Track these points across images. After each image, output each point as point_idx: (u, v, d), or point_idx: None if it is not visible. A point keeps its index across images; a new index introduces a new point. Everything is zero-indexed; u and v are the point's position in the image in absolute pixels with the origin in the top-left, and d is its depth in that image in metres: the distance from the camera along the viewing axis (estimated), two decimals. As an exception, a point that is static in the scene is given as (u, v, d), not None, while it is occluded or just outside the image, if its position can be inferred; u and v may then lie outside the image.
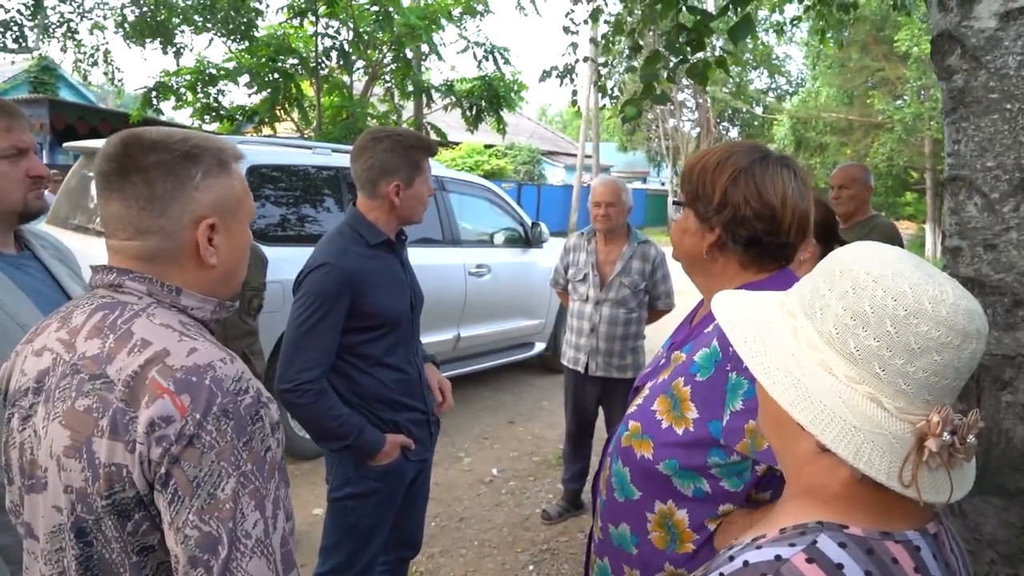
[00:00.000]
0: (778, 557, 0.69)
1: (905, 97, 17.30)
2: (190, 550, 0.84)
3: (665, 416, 1.23)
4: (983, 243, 1.72)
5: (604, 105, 4.42)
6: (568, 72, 4.63)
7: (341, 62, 9.84)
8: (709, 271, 1.29)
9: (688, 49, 3.65)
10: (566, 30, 4.57)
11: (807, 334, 0.75)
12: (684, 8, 3.65)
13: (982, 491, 1.75)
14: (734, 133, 31.82)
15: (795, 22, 6.04)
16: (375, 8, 9.18)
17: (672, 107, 26.55)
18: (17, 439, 0.98)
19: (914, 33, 14.76)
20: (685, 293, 4.88)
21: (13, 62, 10.85)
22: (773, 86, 32.19)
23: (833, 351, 0.72)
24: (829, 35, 5.60)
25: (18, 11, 9.06)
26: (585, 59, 4.72)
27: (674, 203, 1.35)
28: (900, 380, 0.69)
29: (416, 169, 2.04)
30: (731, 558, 0.73)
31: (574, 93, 4.90)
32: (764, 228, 1.21)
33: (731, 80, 25.48)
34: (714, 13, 3.83)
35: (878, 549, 0.70)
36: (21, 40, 9.18)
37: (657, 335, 5.01)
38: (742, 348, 0.78)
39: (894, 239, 3.51)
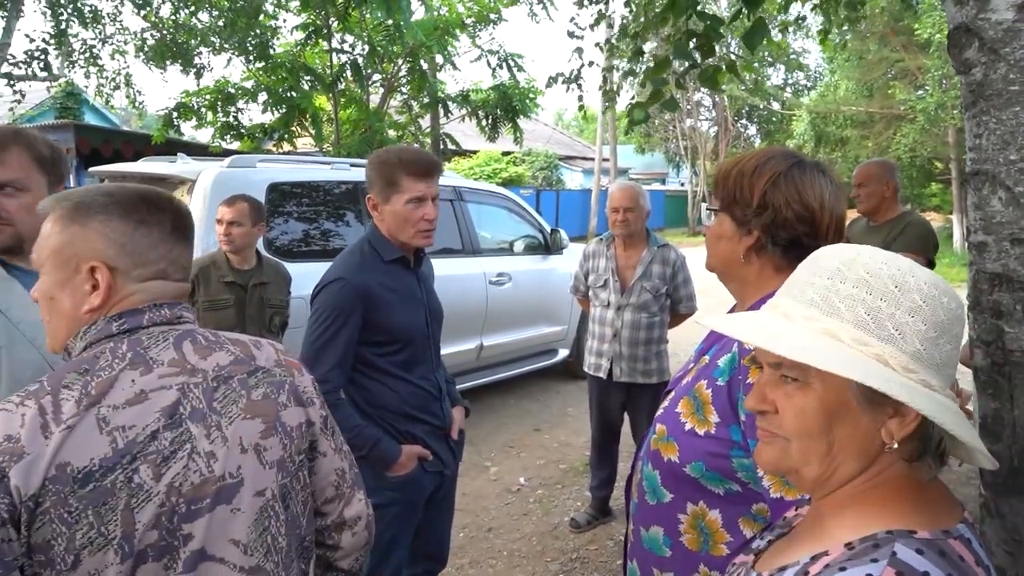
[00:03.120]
0: None
1: (927, 87, 17.01)
2: (348, 458, 1.29)
3: (689, 419, 1.23)
4: (1010, 238, 1.69)
5: (607, 107, 4.40)
6: (574, 78, 4.63)
7: (355, 76, 9.94)
8: (744, 276, 1.30)
9: (698, 55, 3.63)
10: (571, 35, 4.57)
11: (897, 359, 0.74)
12: (694, 14, 3.63)
13: (1020, 491, 1.71)
14: (752, 131, 31.55)
15: (799, 22, 5.98)
16: (389, 22, 9.26)
17: (689, 107, 26.39)
18: (156, 487, 0.97)
19: (935, 21, 14.52)
20: (707, 293, 4.83)
21: (31, 86, 11.02)
22: (791, 81, 31.87)
23: (924, 367, 0.74)
24: (836, 37, 5.53)
25: (43, 40, 9.28)
26: (591, 64, 4.71)
27: (708, 209, 1.36)
28: (950, 368, 0.75)
29: (391, 186, 2.00)
30: None
31: (580, 98, 4.90)
32: (805, 230, 1.23)
33: (748, 77, 25.29)
34: (726, 18, 3.82)
35: (947, 550, 0.70)
36: (48, 69, 9.41)
37: (681, 339, 4.99)
38: (885, 388, 0.73)
39: (928, 236, 3.42)
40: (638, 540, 1.34)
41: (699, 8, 3.67)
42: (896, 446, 0.73)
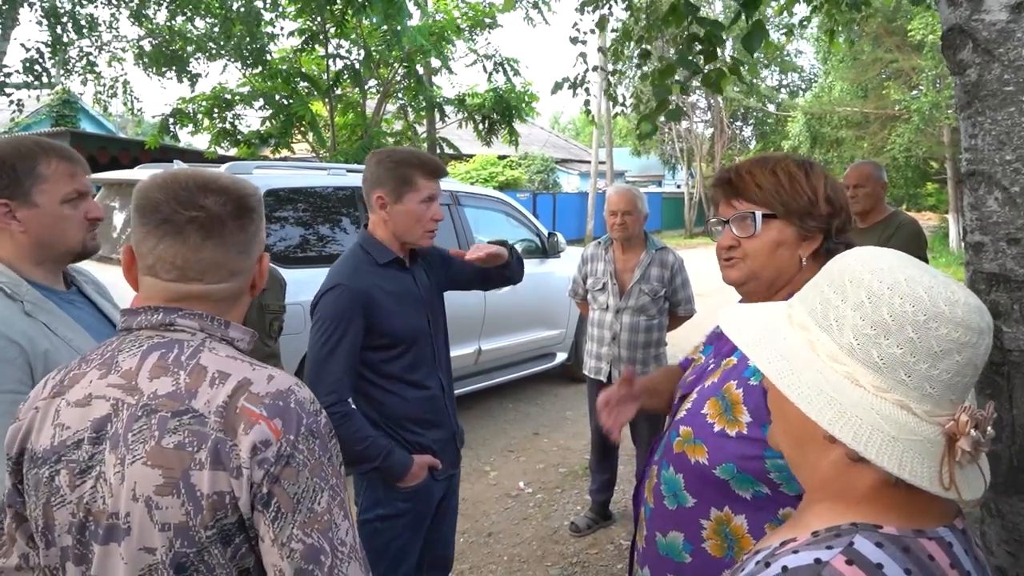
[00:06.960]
0: (818, 560, 0.69)
1: (921, 87, 17.06)
2: (296, 563, 0.90)
3: (717, 419, 1.22)
4: (1006, 238, 1.69)
5: (617, 113, 4.40)
6: (579, 83, 4.63)
7: (351, 81, 9.95)
8: (799, 284, 1.23)
9: (701, 60, 3.64)
10: (573, 40, 4.56)
11: (826, 347, 0.75)
12: (695, 20, 3.63)
13: (1020, 491, 1.71)
14: (748, 132, 31.61)
15: (804, 23, 6.00)
16: (384, 27, 9.27)
17: (685, 109, 26.44)
18: (70, 496, 0.95)
19: (928, 21, 14.57)
20: (706, 294, 4.82)
21: (29, 95, 10.99)
22: (786, 83, 31.94)
23: (856, 362, 0.72)
24: (840, 36, 5.55)
25: (37, 50, 9.27)
26: (595, 68, 4.70)
27: (741, 217, 1.26)
28: (926, 384, 0.70)
29: (406, 184, 2.02)
30: (767, 564, 0.73)
31: (586, 103, 4.88)
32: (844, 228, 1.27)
33: (747, 79, 25.36)
34: (724, 21, 3.83)
35: (914, 547, 0.70)
36: (44, 76, 9.40)
37: (680, 341, 4.99)
38: (768, 368, 0.77)
39: (920, 235, 3.47)
40: (652, 546, 1.31)
41: (699, 14, 3.67)
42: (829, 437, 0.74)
